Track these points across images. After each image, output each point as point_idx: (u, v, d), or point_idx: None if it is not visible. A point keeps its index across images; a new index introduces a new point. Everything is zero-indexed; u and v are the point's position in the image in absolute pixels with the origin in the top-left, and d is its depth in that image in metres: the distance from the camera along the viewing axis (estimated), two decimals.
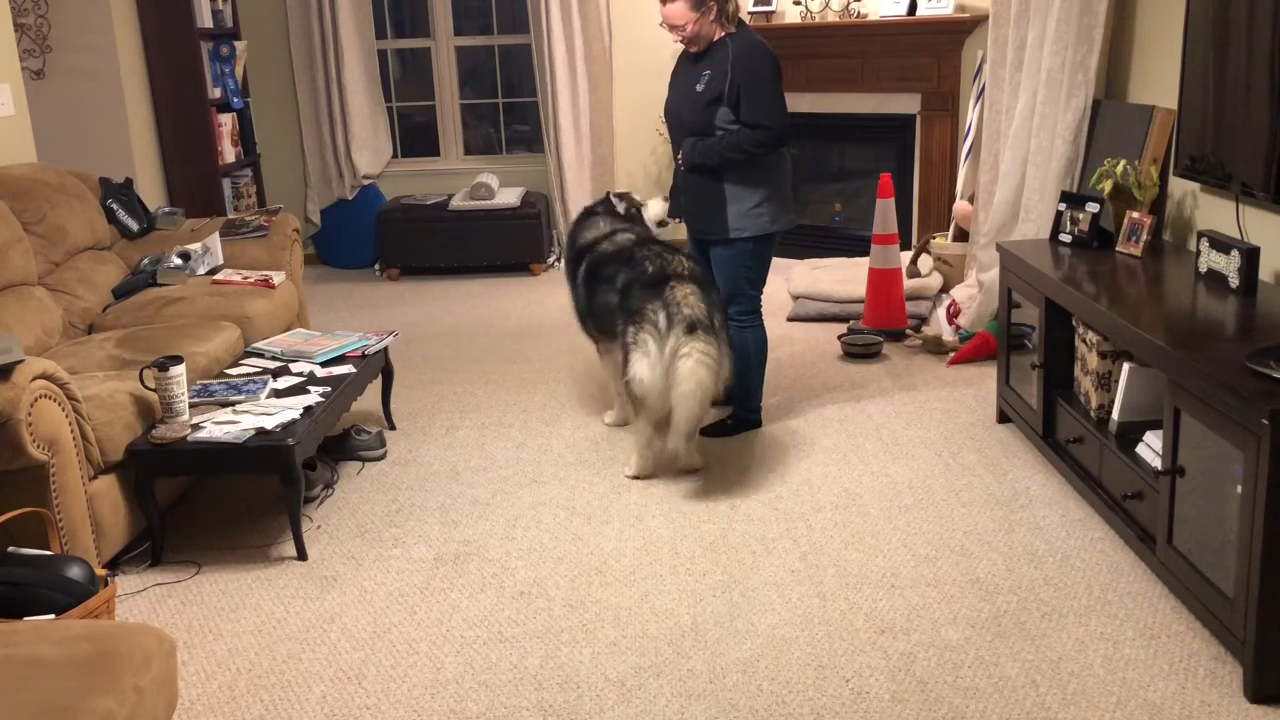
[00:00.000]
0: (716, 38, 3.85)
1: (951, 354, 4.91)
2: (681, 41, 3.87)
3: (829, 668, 2.67)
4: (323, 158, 7.22)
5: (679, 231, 4.39)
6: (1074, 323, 3.56)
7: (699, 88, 3.83)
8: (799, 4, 6.41)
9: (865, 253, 5.40)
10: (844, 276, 5.81)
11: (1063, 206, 4.03)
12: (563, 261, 4.01)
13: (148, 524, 3.32)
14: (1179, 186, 3.89)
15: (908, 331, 5.23)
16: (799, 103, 6.67)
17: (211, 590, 3.18)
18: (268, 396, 3.58)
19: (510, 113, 7.65)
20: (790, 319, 5.62)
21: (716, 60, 3.81)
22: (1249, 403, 2.38)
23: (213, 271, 4.66)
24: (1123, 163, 3.85)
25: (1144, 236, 3.71)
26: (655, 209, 4.34)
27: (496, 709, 2.57)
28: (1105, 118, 4.31)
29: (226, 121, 6.65)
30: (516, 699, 2.60)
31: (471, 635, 2.88)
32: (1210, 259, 3.31)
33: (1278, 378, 2.42)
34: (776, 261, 6.81)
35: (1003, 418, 4.16)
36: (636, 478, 3.77)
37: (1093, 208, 3.88)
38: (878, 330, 5.14)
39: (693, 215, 4.07)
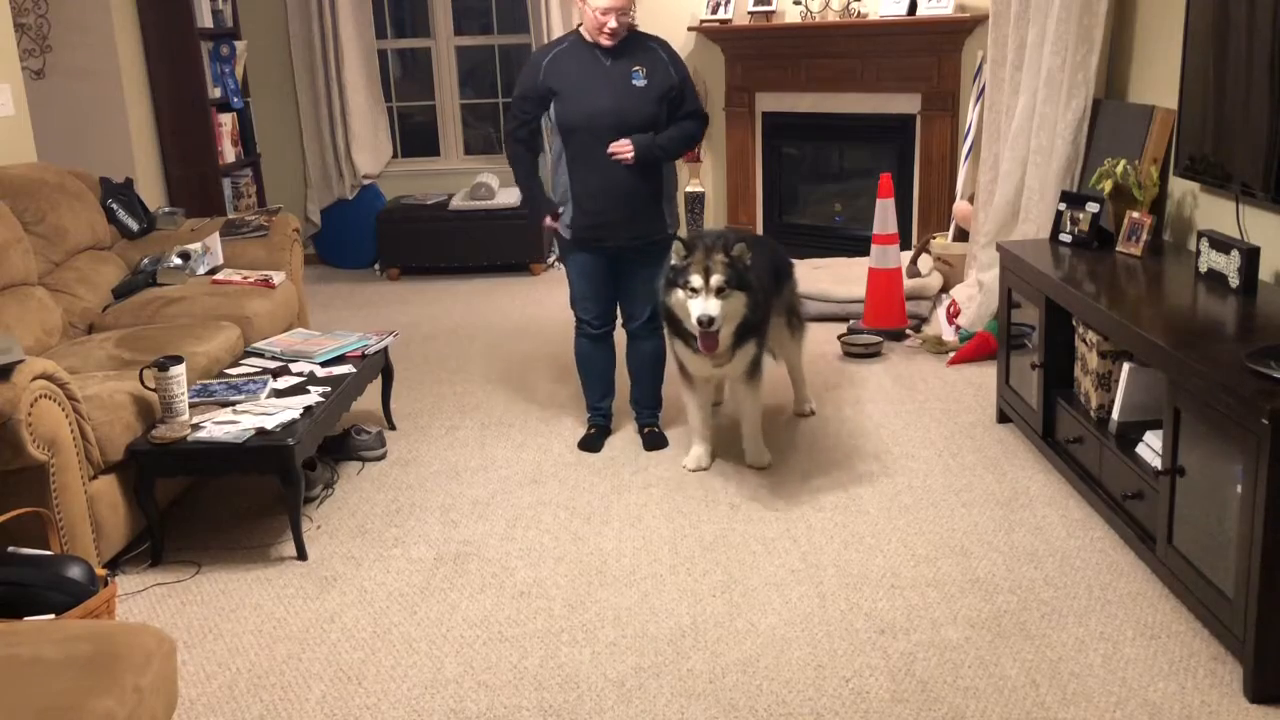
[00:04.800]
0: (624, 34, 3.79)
1: (951, 354, 4.91)
2: (614, 34, 3.69)
3: (829, 668, 2.67)
4: (323, 158, 7.21)
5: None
6: (1074, 323, 3.56)
7: (638, 83, 3.74)
8: (799, 4, 6.41)
9: (865, 253, 5.39)
10: (844, 276, 5.80)
11: (1063, 206, 4.02)
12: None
13: (148, 524, 3.32)
14: (1179, 186, 3.89)
15: (908, 331, 5.23)
16: (799, 103, 6.68)
17: (211, 590, 3.18)
18: (268, 396, 3.58)
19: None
20: None
21: (645, 58, 3.78)
22: (1249, 403, 2.38)
23: (213, 271, 4.66)
24: (1123, 163, 3.85)
25: (1144, 236, 3.71)
26: None
27: (496, 709, 2.57)
28: (1105, 118, 4.31)
29: (226, 121, 6.65)
30: (516, 699, 2.60)
31: (471, 635, 2.88)
32: (1210, 259, 3.31)
33: (1278, 378, 2.42)
34: None
35: (1003, 418, 4.16)
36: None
37: (1093, 208, 3.88)
38: (878, 330, 5.14)
39: (630, 219, 3.83)
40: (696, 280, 3.41)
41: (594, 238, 3.87)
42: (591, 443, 4.08)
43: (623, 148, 3.72)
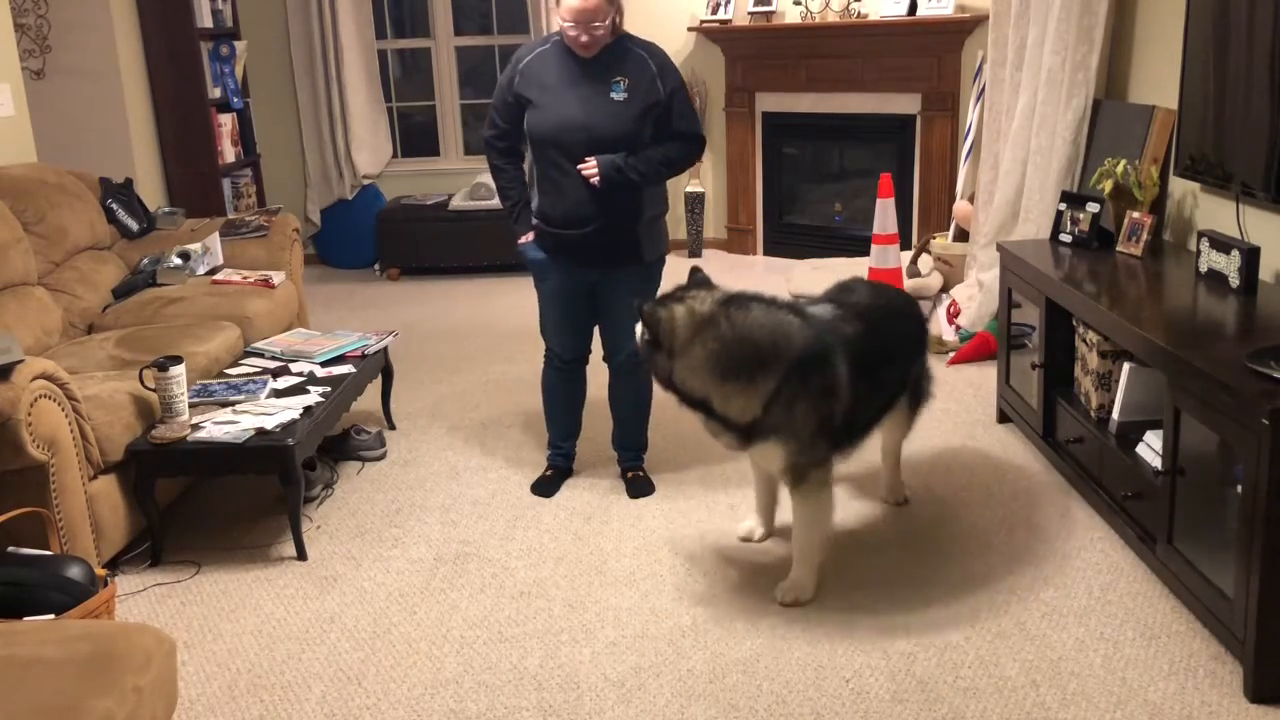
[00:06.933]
0: (607, 41, 3.34)
1: (951, 354, 4.91)
2: (587, 47, 3.29)
3: (829, 668, 2.67)
4: (323, 158, 7.21)
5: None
6: (1074, 323, 3.56)
7: (617, 96, 3.30)
8: (799, 4, 6.41)
9: (865, 253, 5.39)
10: (844, 277, 5.79)
11: (1063, 206, 4.03)
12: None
13: (147, 524, 3.32)
14: (1179, 186, 3.89)
15: None
16: (799, 103, 6.68)
17: (211, 590, 3.18)
18: (268, 396, 3.58)
19: None
20: None
21: (631, 68, 3.33)
22: (1249, 403, 2.38)
23: (213, 271, 4.66)
24: (1123, 163, 3.85)
25: (1144, 236, 3.71)
26: None
27: (496, 709, 2.57)
28: (1105, 118, 4.31)
29: (226, 121, 6.65)
30: (516, 699, 2.60)
31: (471, 635, 2.88)
32: (1210, 259, 3.31)
33: (1278, 378, 2.42)
34: (777, 261, 6.87)
35: (1003, 418, 4.16)
36: None
37: (1093, 208, 3.88)
38: None
39: (599, 244, 3.42)
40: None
41: (564, 258, 3.49)
42: (546, 486, 3.72)
43: (589, 167, 3.32)
